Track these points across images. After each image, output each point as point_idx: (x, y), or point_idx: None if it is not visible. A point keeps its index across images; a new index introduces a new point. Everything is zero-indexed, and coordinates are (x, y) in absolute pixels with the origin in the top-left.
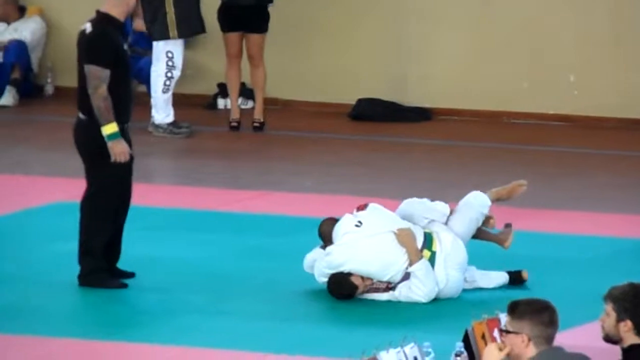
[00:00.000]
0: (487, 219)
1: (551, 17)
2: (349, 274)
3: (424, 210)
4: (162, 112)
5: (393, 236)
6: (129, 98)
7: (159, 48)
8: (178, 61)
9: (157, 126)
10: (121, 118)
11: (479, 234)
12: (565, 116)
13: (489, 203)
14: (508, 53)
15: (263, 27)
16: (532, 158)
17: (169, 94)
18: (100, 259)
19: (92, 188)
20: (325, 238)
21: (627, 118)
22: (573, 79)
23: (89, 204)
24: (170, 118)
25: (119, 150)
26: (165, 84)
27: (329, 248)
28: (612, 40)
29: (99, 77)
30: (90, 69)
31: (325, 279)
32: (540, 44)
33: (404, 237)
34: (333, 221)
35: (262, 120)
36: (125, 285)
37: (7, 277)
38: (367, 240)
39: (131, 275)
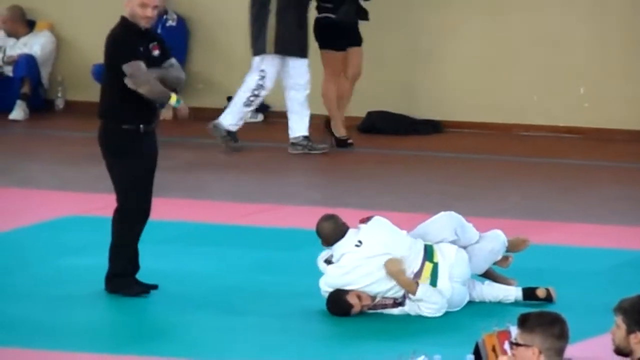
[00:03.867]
0: (505, 258)
1: (561, 30)
2: (346, 292)
3: (459, 226)
4: (230, 118)
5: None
6: (147, 100)
7: (256, 63)
8: (269, 82)
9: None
10: (137, 119)
11: (487, 272)
12: (576, 128)
13: (507, 244)
14: (518, 66)
15: (360, 40)
16: (542, 171)
17: (249, 109)
18: (129, 264)
19: (118, 195)
20: (324, 240)
21: (638, 130)
22: (583, 91)
23: (117, 212)
24: (235, 127)
25: (183, 110)
26: (249, 99)
27: (328, 268)
28: (622, 53)
29: (136, 70)
30: (124, 68)
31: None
32: (550, 56)
33: (392, 271)
34: (330, 221)
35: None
36: (148, 292)
37: (16, 291)
38: (365, 262)
39: (154, 287)
